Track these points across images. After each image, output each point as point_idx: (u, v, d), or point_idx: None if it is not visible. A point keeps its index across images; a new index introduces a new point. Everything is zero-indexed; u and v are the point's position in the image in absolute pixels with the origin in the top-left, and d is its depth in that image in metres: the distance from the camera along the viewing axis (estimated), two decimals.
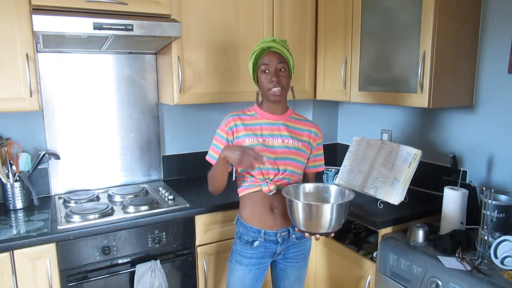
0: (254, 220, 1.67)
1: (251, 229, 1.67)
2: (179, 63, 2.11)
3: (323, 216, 1.43)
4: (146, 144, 2.44)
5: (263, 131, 1.67)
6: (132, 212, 1.92)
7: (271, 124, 1.68)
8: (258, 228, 1.66)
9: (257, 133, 1.66)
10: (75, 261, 1.76)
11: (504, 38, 1.85)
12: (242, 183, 1.69)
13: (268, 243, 1.67)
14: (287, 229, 1.68)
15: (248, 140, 1.65)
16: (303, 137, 1.71)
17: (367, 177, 2.07)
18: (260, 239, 1.66)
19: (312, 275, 2.29)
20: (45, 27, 1.68)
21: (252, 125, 1.68)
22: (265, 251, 1.69)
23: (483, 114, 1.97)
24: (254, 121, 1.69)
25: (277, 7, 2.36)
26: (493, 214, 1.67)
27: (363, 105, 2.66)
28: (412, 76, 1.90)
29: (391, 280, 1.73)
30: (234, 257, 1.72)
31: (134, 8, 1.93)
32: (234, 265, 1.72)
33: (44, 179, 2.21)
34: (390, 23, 2.02)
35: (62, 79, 2.19)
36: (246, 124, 1.68)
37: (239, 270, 1.70)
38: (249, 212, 1.68)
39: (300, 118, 1.75)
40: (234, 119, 1.69)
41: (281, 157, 1.64)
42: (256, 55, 1.62)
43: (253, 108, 1.73)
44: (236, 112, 1.72)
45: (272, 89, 1.60)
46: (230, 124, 1.68)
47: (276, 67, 1.60)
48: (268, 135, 1.66)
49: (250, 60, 1.66)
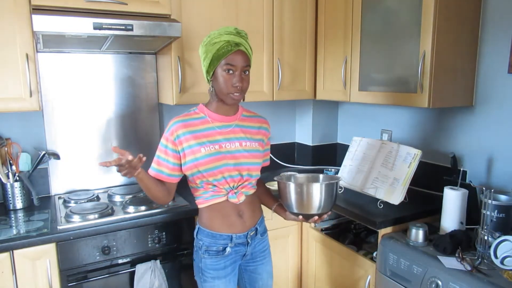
0: (223, 227, 1.55)
1: (220, 237, 1.55)
2: (179, 63, 2.11)
3: (313, 196, 1.49)
4: (146, 144, 2.44)
5: (217, 136, 1.51)
6: (132, 212, 1.92)
7: (225, 127, 1.53)
8: (229, 234, 1.55)
9: (211, 139, 1.50)
10: (75, 261, 1.76)
11: (504, 38, 1.85)
12: (202, 194, 1.56)
13: (238, 246, 1.58)
14: (255, 228, 1.62)
15: (204, 149, 1.48)
16: (257, 135, 1.61)
17: (367, 177, 2.07)
18: (231, 245, 1.56)
19: (312, 275, 2.29)
20: (45, 27, 1.68)
21: (204, 131, 1.50)
22: (235, 256, 1.59)
23: (483, 114, 1.97)
24: (206, 125, 1.51)
25: (277, 7, 2.36)
26: (493, 214, 1.67)
27: (363, 105, 2.66)
28: (412, 76, 1.90)
29: (391, 280, 1.73)
30: (208, 274, 1.56)
31: (134, 8, 1.93)
32: (211, 283, 1.56)
33: (44, 179, 2.21)
34: (390, 23, 2.02)
35: (62, 79, 2.19)
36: (195, 131, 1.49)
37: (220, 286, 1.56)
38: (217, 221, 1.55)
39: (251, 115, 1.64)
40: (179, 127, 1.49)
41: (242, 162, 1.53)
42: (220, 49, 1.41)
43: (200, 109, 1.55)
44: (181, 117, 1.51)
45: (234, 94, 1.45)
46: (178, 133, 1.48)
47: (242, 70, 1.44)
48: (224, 140, 1.52)
49: (207, 55, 1.44)
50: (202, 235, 1.58)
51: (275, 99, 2.45)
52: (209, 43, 1.45)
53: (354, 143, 2.25)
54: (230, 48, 1.41)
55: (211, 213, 1.56)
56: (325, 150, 2.90)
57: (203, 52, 1.47)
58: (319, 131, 2.86)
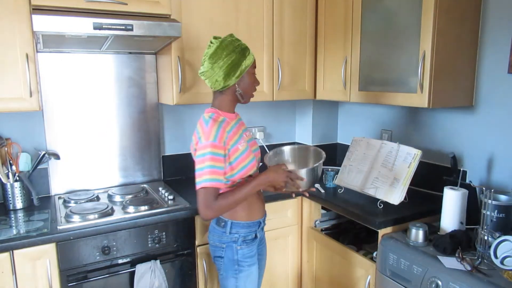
0: (256, 214, 1.69)
1: (253, 225, 1.67)
2: (179, 63, 2.11)
3: None
4: (146, 144, 2.44)
5: (238, 131, 1.65)
6: (132, 212, 1.92)
7: (236, 123, 1.67)
8: (258, 220, 1.70)
9: (238, 136, 1.62)
10: (75, 261, 1.76)
11: (504, 38, 1.85)
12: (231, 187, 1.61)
13: (260, 232, 1.74)
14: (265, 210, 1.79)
15: (240, 146, 1.59)
16: None
17: (367, 177, 2.07)
18: (259, 230, 1.71)
19: (312, 275, 2.29)
20: (45, 27, 1.68)
21: (230, 131, 1.60)
22: (258, 243, 1.75)
23: (483, 114, 1.97)
24: (230, 125, 1.61)
25: (277, 7, 2.36)
26: (493, 214, 1.67)
27: (363, 105, 2.66)
28: (412, 76, 1.90)
29: (391, 280, 1.73)
30: (245, 264, 1.65)
31: (134, 8, 1.93)
32: (248, 270, 1.66)
33: (44, 179, 2.21)
34: (390, 23, 2.02)
35: (62, 79, 2.19)
36: (229, 131, 1.59)
37: (253, 272, 1.69)
38: (252, 209, 1.67)
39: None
40: (224, 128, 1.55)
41: (255, 148, 1.74)
42: (251, 57, 1.60)
43: (216, 113, 1.61)
44: (217, 121, 1.57)
45: (254, 92, 1.68)
46: (224, 137, 1.54)
47: None
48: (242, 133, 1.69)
49: (246, 59, 1.57)
50: (237, 228, 1.65)
51: (275, 99, 2.45)
52: (239, 47, 1.56)
53: (354, 143, 2.25)
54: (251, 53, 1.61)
55: (247, 203, 1.65)
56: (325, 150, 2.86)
57: (243, 62, 1.56)
58: (319, 131, 2.86)
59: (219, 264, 1.70)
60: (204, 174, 1.49)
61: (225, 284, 1.69)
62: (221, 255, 1.67)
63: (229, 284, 1.68)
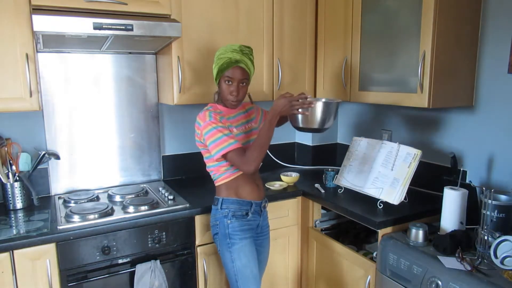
0: (245, 194, 1.81)
1: (243, 203, 1.80)
2: (179, 63, 2.11)
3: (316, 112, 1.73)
4: (146, 144, 2.44)
5: (241, 120, 1.87)
6: (132, 212, 1.92)
7: (236, 116, 1.87)
8: (250, 201, 1.81)
9: (238, 123, 1.85)
10: (75, 261, 1.76)
11: (504, 38, 1.85)
12: (229, 169, 1.79)
13: (254, 215, 1.83)
14: (265, 200, 1.91)
15: (236, 130, 1.81)
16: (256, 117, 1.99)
17: (367, 177, 2.07)
18: (251, 211, 1.81)
19: (312, 275, 2.29)
20: (45, 27, 1.68)
21: (229, 119, 1.82)
22: (253, 223, 1.83)
23: (483, 114, 1.97)
24: (229, 115, 1.84)
25: (277, 7, 2.36)
26: (493, 214, 1.67)
27: (363, 105, 2.66)
28: (412, 76, 1.90)
29: (391, 280, 1.73)
30: (236, 236, 1.77)
31: (134, 8, 1.93)
32: (239, 243, 1.76)
33: (44, 179, 2.21)
34: (390, 23, 2.02)
35: (62, 79, 2.19)
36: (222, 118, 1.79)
37: (246, 245, 1.78)
38: (242, 189, 1.81)
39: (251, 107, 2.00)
40: (216, 113, 1.75)
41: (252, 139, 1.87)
42: (223, 64, 1.72)
43: (213, 106, 1.83)
44: (210, 110, 1.77)
45: (231, 100, 1.77)
46: (217, 118, 1.73)
47: (239, 82, 1.75)
48: (245, 123, 1.89)
49: (215, 67, 1.75)
50: (227, 204, 1.80)
51: (275, 99, 2.45)
52: (218, 57, 1.76)
53: (354, 143, 2.25)
54: (231, 64, 1.72)
55: (237, 182, 1.80)
56: (325, 150, 2.90)
57: (214, 63, 1.78)
58: None
59: (216, 241, 1.84)
60: (223, 142, 1.67)
61: (223, 260, 1.82)
62: (216, 232, 1.82)
63: (226, 259, 1.80)
